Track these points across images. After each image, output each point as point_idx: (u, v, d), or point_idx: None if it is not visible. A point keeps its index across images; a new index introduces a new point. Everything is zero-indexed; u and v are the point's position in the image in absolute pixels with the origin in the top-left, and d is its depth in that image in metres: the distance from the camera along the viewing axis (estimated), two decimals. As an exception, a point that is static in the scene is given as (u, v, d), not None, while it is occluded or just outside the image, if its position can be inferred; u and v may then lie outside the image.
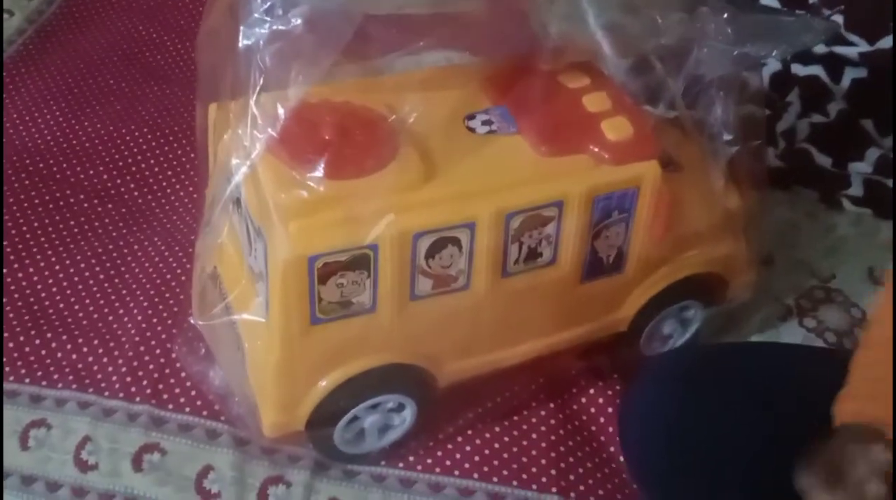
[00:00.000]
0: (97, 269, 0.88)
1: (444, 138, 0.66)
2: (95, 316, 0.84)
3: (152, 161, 1.01)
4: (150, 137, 1.03)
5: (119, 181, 0.98)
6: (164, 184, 0.98)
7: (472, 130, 0.68)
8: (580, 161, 0.67)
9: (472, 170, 0.65)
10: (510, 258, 0.66)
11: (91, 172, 0.99)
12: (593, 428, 0.77)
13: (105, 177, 0.98)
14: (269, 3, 0.55)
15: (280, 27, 0.55)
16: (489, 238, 0.63)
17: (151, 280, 0.87)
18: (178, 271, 0.87)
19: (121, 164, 1.00)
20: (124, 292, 0.86)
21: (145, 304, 0.84)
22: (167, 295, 0.85)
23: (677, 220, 0.71)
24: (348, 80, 0.68)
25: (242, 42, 0.56)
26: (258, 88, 0.55)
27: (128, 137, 1.03)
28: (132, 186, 0.98)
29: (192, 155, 1.02)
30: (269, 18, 0.55)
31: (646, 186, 0.67)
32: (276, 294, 0.60)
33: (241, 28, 0.56)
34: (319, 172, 0.60)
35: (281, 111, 0.56)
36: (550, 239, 0.66)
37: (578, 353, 0.78)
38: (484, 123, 0.69)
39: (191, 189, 0.98)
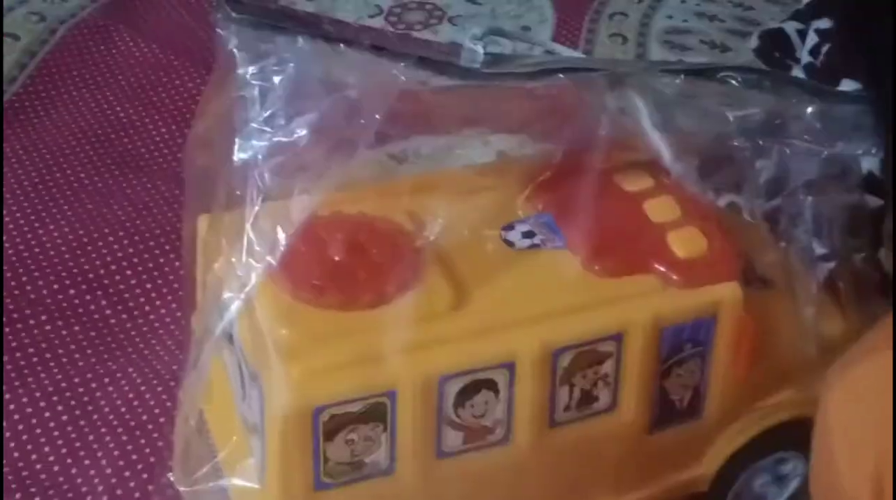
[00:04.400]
0: (59, 407, 0.91)
1: (477, 254, 0.69)
2: (56, 469, 0.86)
3: (129, 272, 1.05)
4: (126, 242, 1.07)
5: (88, 298, 1.02)
6: (143, 301, 1.02)
7: (509, 243, 0.71)
8: (643, 283, 0.69)
9: (510, 295, 0.67)
10: (559, 404, 0.67)
11: (55, 286, 1.02)
12: None
13: (72, 292, 1.02)
14: (269, 112, 0.60)
15: (282, 139, 0.60)
16: (532, 381, 0.65)
17: (124, 422, 0.89)
18: (157, 410, 0.90)
19: (91, 276, 1.04)
20: (91, 437, 0.88)
21: (116, 452, 0.86)
22: (143, 441, 0.87)
23: (767, 352, 0.72)
24: (362, 182, 0.71)
25: (238, 155, 0.60)
26: (256, 210, 0.59)
27: (100, 243, 1.07)
28: (104, 302, 1.02)
29: (177, 263, 1.06)
30: (269, 129, 0.60)
31: (724, 313, 0.69)
32: (273, 454, 0.62)
33: (237, 140, 0.60)
34: (328, 302, 0.63)
35: (282, 236, 0.60)
36: (608, 379, 0.68)
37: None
38: (524, 234, 0.72)
39: (174, 306, 1.01)
